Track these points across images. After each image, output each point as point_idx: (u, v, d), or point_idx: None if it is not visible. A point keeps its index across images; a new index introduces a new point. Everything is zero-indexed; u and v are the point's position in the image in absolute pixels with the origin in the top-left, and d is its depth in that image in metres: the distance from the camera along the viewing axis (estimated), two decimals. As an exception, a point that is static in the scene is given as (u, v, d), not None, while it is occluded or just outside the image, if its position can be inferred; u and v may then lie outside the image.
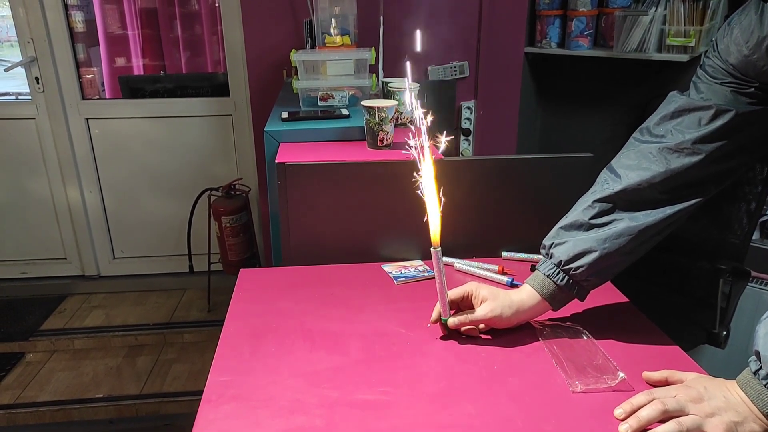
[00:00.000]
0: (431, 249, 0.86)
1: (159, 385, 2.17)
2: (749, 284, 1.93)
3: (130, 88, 2.76)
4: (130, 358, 2.35)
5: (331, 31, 1.67)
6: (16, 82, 2.95)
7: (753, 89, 0.82)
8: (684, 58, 2.04)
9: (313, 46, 1.90)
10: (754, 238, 2.01)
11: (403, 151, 0.86)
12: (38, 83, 2.51)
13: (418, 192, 0.84)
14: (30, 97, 2.56)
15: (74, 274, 2.83)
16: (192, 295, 2.77)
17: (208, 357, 0.87)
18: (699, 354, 1.77)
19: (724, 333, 1.62)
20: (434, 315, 0.92)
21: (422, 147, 0.83)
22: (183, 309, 2.65)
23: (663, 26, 2.06)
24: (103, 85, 2.98)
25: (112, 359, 2.34)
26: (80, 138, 2.62)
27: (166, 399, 2.11)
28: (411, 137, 0.84)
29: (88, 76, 2.70)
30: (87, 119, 2.61)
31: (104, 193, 2.73)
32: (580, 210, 0.91)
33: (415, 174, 0.84)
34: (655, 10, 2.05)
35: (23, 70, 2.50)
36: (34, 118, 2.57)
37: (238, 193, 2.50)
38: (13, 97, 2.75)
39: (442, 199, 0.85)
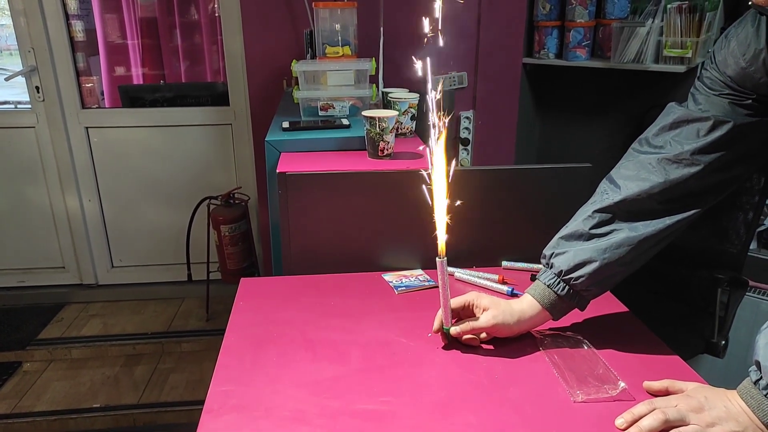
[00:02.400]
0: (437, 259, 0.86)
1: (157, 395, 2.16)
2: (747, 294, 1.93)
3: (130, 97, 2.77)
4: (127, 368, 2.33)
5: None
6: (15, 91, 2.95)
7: (750, 101, 0.83)
8: (681, 68, 2.06)
9: (313, 57, 1.91)
10: (751, 247, 2.02)
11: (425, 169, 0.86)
12: (38, 92, 2.52)
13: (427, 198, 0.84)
14: (30, 106, 2.56)
15: (72, 283, 2.82)
16: (190, 304, 2.77)
17: (206, 366, 0.87)
18: (698, 363, 1.77)
19: (723, 342, 1.62)
20: (436, 324, 0.92)
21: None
22: (181, 318, 2.65)
23: (660, 37, 2.08)
24: (102, 94, 2.99)
25: (110, 368, 2.33)
26: (80, 147, 2.63)
27: (163, 409, 2.09)
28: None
29: (87, 85, 2.71)
30: (87, 128, 2.61)
31: (103, 201, 2.73)
32: (580, 220, 0.92)
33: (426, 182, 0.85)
34: (652, 22, 2.07)
35: (23, 79, 2.51)
36: (33, 127, 2.58)
37: (237, 201, 2.50)
38: (12, 106, 2.75)
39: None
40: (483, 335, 0.92)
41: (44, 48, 2.45)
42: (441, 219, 0.85)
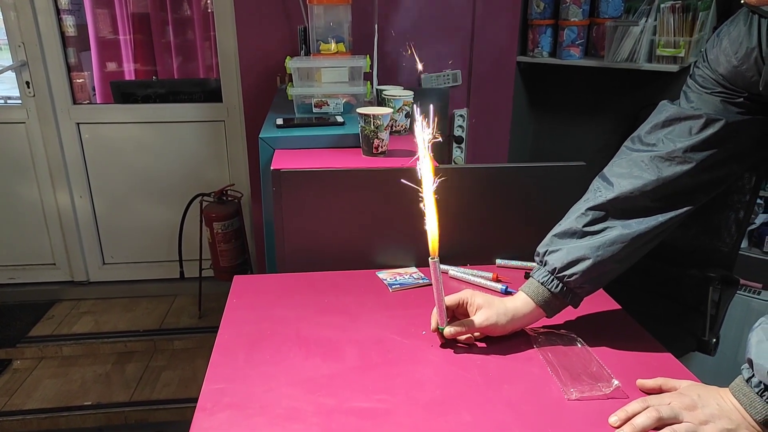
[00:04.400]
0: (429, 259, 0.86)
1: (149, 393, 2.15)
2: (738, 292, 1.95)
3: (122, 93, 2.75)
4: (119, 365, 2.32)
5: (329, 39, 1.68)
6: (5, 86, 2.92)
7: (742, 99, 0.84)
8: (674, 68, 2.07)
9: (307, 53, 1.91)
10: (742, 246, 2.04)
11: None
12: (29, 87, 2.49)
13: (420, 204, 0.84)
14: (20, 102, 2.54)
15: (63, 280, 2.80)
16: (183, 301, 2.76)
17: (199, 364, 0.87)
18: (689, 361, 1.79)
19: (714, 340, 1.64)
20: (433, 323, 0.92)
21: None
22: (173, 315, 2.63)
23: (653, 37, 2.09)
24: (94, 89, 2.96)
25: (101, 366, 2.31)
26: (71, 143, 2.60)
27: (155, 406, 2.09)
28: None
29: (79, 81, 2.69)
30: (78, 124, 2.59)
31: (94, 198, 2.71)
32: (574, 218, 0.92)
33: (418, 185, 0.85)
34: (646, 21, 2.08)
35: (13, 73, 2.48)
36: (24, 123, 2.55)
37: (230, 198, 2.49)
38: (3, 101, 2.72)
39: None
40: (477, 333, 0.92)
41: (35, 43, 2.43)
42: (432, 220, 0.85)
